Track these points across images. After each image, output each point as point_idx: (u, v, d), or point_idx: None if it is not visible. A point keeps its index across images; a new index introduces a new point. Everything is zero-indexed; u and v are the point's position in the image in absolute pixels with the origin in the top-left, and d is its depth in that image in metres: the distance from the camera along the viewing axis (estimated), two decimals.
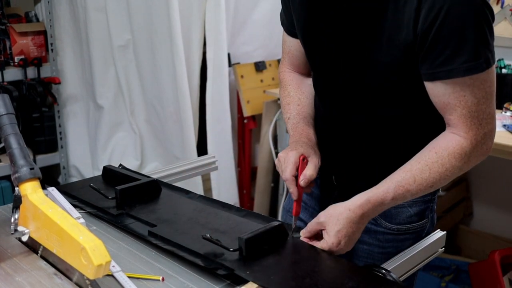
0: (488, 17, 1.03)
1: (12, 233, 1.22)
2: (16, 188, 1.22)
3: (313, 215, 1.27)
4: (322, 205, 1.35)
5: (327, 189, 1.40)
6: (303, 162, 1.20)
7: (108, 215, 1.31)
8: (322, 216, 1.12)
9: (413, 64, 1.10)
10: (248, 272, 1.01)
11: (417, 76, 1.12)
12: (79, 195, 1.40)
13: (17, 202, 1.20)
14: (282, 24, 1.40)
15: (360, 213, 1.10)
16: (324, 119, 1.35)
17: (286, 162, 1.19)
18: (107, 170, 1.55)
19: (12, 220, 1.22)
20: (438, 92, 1.09)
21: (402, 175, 1.11)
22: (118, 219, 1.28)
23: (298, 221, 1.26)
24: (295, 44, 1.38)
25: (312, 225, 1.13)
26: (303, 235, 1.15)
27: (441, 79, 1.07)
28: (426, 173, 1.10)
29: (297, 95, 1.39)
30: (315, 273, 1.02)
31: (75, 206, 1.32)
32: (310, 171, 1.18)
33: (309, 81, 1.41)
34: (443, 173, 1.10)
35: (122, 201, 1.33)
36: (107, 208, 1.33)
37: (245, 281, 1.01)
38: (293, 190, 1.19)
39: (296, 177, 1.19)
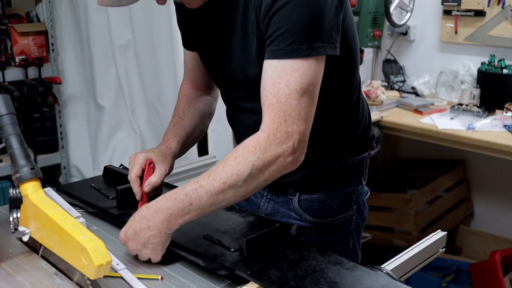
0: (322, 5, 1.03)
1: (12, 232, 1.23)
2: (10, 190, 1.22)
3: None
4: (254, 208, 1.39)
5: (258, 192, 1.36)
6: (149, 166, 1.26)
7: (109, 215, 1.31)
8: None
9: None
10: (249, 272, 1.02)
11: None
12: (80, 195, 1.40)
13: (14, 202, 1.21)
14: (182, 42, 1.43)
15: (154, 208, 1.09)
16: (231, 120, 1.39)
17: (133, 163, 1.27)
18: (107, 170, 1.55)
19: (11, 219, 1.23)
20: (263, 74, 1.06)
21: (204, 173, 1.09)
22: (119, 219, 1.28)
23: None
24: (190, 58, 1.42)
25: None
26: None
27: (268, 58, 1.05)
28: (220, 167, 1.05)
29: (183, 109, 1.41)
30: (316, 272, 1.03)
31: (76, 206, 1.32)
32: (155, 178, 1.26)
33: (204, 98, 1.44)
34: (235, 167, 1.03)
35: (123, 201, 1.33)
36: (108, 208, 1.33)
37: (246, 281, 1.01)
38: (136, 190, 1.25)
39: (141, 179, 1.26)
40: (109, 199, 1.37)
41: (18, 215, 1.19)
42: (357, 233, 1.40)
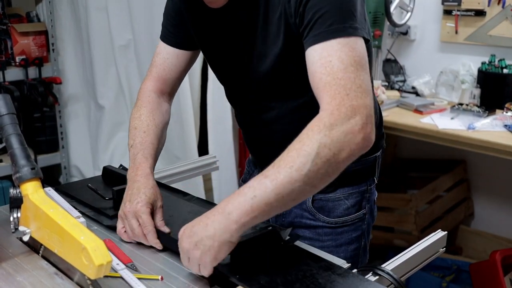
0: None
1: (13, 232, 1.23)
2: (11, 190, 1.23)
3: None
4: None
5: None
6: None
7: (104, 215, 1.31)
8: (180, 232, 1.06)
9: (295, 55, 1.09)
10: (238, 276, 1.00)
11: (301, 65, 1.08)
12: (78, 196, 1.40)
13: (14, 202, 1.21)
14: (165, 38, 1.43)
15: (218, 207, 0.99)
16: (243, 123, 1.38)
17: (144, 221, 1.15)
18: (106, 170, 1.55)
19: (11, 219, 1.23)
20: (309, 62, 1.02)
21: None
22: (114, 220, 1.27)
23: None
24: (170, 56, 1.39)
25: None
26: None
27: (311, 45, 1.01)
28: (284, 154, 0.95)
29: (147, 121, 1.34)
30: (306, 278, 1.02)
31: (73, 206, 1.32)
32: (160, 220, 1.18)
33: (165, 107, 1.42)
34: (300, 148, 0.93)
35: (119, 202, 1.32)
36: (104, 209, 1.33)
37: (236, 285, 1.01)
38: (156, 241, 1.16)
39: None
40: (105, 200, 1.37)
41: (19, 215, 1.19)
42: (368, 232, 1.39)
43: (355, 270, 1.08)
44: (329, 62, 0.98)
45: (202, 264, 0.99)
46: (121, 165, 1.60)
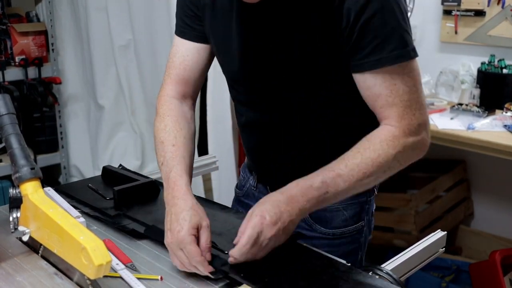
0: (405, 6, 1.08)
1: (12, 232, 1.23)
2: (10, 190, 1.23)
3: None
4: None
5: None
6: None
7: (105, 215, 1.31)
8: (242, 228, 1.04)
9: (335, 61, 1.10)
10: (242, 275, 1.01)
11: (338, 74, 1.12)
12: (78, 196, 1.41)
13: (14, 202, 1.21)
14: (181, 32, 1.31)
15: (288, 194, 1.05)
16: (251, 130, 1.32)
17: (190, 252, 1.02)
18: (106, 170, 1.55)
19: (11, 219, 1.23)
20: (369, 83, 1.08)
21: (333, 162, 1.08)
22: (115, 220, 1.27)
23: None
24: (193, 53, 1.29)
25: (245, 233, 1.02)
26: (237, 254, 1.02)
27: (371, 69, 1.06)
28: (358, 158, 1.06)
29: (174, 132, 1.23)
30: (310, 276, 1.02)
31: (73, 206, 1.32)
32: (206, 244, 1.06)
33: (190, 113, 1.31)
34: (376, 159, 1.06)
35: (120, 201, 1.33)
36: (105, 209, 1.33)
37: (240, 283, 1.01)
38: (209, 269, 1.04)
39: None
40: (106, 200, 1.37)
41: (18, 215, 1.19)
42: (365, 245, 1.36)
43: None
44: (394, 85, 1.06)
45: (280, 243, 1.05)
46: (120, 165, 1.60)
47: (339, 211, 1.28)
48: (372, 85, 1.07)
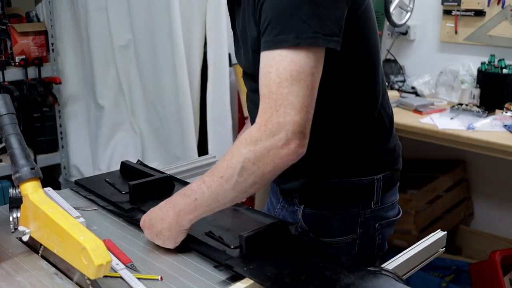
0: None
1: (12, 232, 1.23)
2: (10, 190, 1.23)
3: None
4: (272, 212, 1.37)
5: (276, 197, 1.38)
6: None
7: (120, 209, 1.34)
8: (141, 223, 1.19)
9: None
10: (245, 269, 1.02)
11: None
12: (95, 189, 1.44)
13: (14, 202, 1.21)
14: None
15: (169, 202, 1.13)
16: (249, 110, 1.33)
17: None
18: (124, 165, 1.59)
19: (11, 219, 1.23)
20: (259, 68, 1.01)
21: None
22: (129, 214, 1.31)
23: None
24: None
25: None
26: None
27: (262, 50, 1.01)
28: (219, 162, 1.05)
29: None
30: (312, 270, 1.03)
31: (90, 200, 1.38)
32: None
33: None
34: (229, 160, 1.02)
35: (135, 196, 1.36)
36: (120, 203, 1.36)
37: (241, 279, 1.02)
38: None
39: None
40: (121, 194, 1.41)
41: (18, 215, 1.19)
42: (366, 259, 1.27)
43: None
44: (269, 74, 0.98)
45: (167, 246, 1.15)
46: (138, 160, 1.65)
47: (327, 219, 1.24)
48: (259, 68, 1.02)
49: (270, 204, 1.44)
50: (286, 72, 0.96)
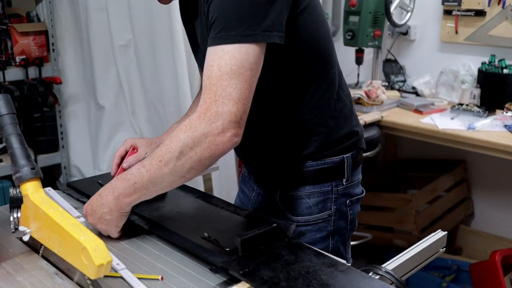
0: None
1: (13, 232, 1.23)
2: (11, 190, 1.23)
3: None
4: (247, 201, 1.47)
5: (251, 186, 1.47)
6: (132, 150, 1.42)
7: None
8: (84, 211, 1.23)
9: None
10: (241, 272, 1.02)
11: None
12: (88, 192, 1.43)
13: (14, 202, 1.21)
14: None
15: (108, 187, 1.18)
16: None
17: (120, 146, 1.43)
18: None
19: (11, 219, 1.23)
20: (204, 62, 1.10)
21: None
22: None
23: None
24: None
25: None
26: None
27: (208, 46, 1.09)
28: (159, 147, 1.12)
29: (192, 108, 1.51)
30: (309, 274, 1.02)
31: (83, 202, 1.35)
32: (132, 158, 1.39)
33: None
34: (168, 145, 1.09)
35: None
36: None
37: (239, 280, 1.01)
38: (113, 167, 1.42)
39: (122, 159, 1.41)
40: None
41: (19, 215, 1.19)
42: (341, 235, 1.38)
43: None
44: (211, 67, 1.07)
45: (110, 233, 1.20)
46: None
47: (302, 198, 1.32)
48: (204, 62, 1.10)
49: (242, 195, 1.52)
50: (227, 66, 1.05)
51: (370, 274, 1.06)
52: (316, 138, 1.30)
